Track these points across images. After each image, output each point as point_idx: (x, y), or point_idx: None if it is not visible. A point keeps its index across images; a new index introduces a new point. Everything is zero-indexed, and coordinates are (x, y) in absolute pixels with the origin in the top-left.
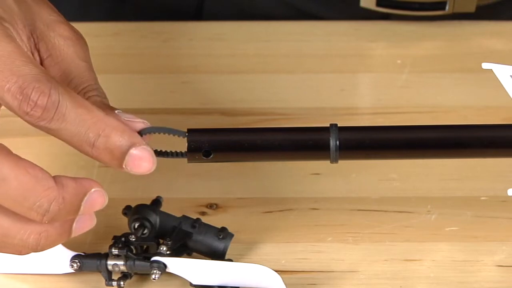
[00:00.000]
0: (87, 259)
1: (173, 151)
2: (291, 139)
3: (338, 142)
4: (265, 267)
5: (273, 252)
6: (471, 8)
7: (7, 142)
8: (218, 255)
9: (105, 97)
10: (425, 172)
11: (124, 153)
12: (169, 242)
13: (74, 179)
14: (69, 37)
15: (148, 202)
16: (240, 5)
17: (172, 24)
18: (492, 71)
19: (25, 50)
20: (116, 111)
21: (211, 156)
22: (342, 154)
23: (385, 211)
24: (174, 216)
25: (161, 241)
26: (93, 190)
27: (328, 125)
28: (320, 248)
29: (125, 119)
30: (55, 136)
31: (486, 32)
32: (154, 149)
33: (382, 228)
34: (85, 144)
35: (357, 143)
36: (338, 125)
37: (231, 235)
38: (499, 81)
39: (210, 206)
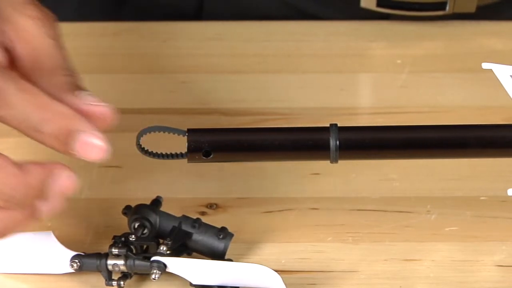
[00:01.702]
0: (87, 258)
1: (173, 152)
2: (291, 139)
3: (338, 142)
4: (265, 267)
5: (273, 252)
6: (472, 8)
7: (7, 142)
8: (218, 255)
9: (75, 75)
10: (425, 172)
11: (71, 138)
12: (169, 242)
13: (41, 164)
14: (37, 17)
15: (148, 202)
16: (240, 5)
17: (172, 24)
18: (492, 71)
19: None
20: (82, 92)
21: (211, 156)
22: (342, 154)
23: (385, 211)
24: (174, 216)
25: (161, 241)
26: (60, 174)
27: (328, 125)
28: (320, 248)
29: (87, 103)
30: (4, 123)
31: (486, 32)
32: (154, 152)
33: (382, 228)
34: (31, 130)
35: (357, 143)
36: (338, 125)
37: (231, 235)
38: (499, 81)
39: (210, 206)
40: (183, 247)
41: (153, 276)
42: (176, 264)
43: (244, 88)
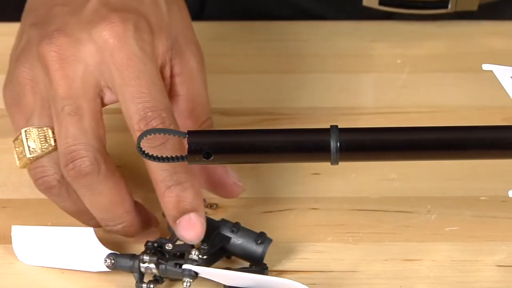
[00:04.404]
0: (122, 258)
1: (173, 155)
2: (291, 141)
3: (338, 144)
4: (300, 283)
5: (273, 252)
6: (474, 7)
7: (7, 142)
8: (257, 259)
9: (211, 117)
10: (425, 172)
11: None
12: (205, 247)
13: (148, 212)
14: (200, 61)
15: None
16: (242, 5)
17: None
18: (492, 71)
19: (158, 64)
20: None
21: (212, 157)
22: (342, 155)
23: (385, 211)
24: (213, 220)
25: (196, 246)
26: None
27: (329, 127)
28: (320, 248)
29: (232, 179)
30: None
31: (487, 31)
32: (155, 155)
33: (382, 228)
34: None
35: (358, 144)
36: (339, 127)
37: (269, 240)
38: (499, 81)
39: (210, 206)
40: (221, 250)
41: (184, 284)
42: (207, 273)
43: (244, 88)
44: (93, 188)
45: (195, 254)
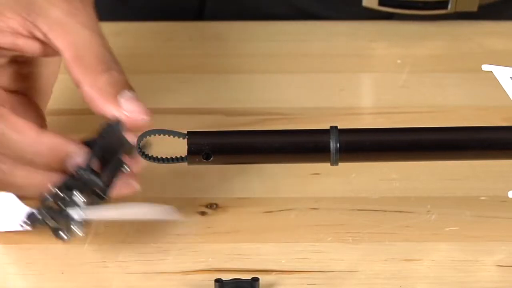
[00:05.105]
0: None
1: (173, 156)
2: (291, 142)
3: (338, 145)
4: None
5: (273, 252)
6: (473, 7)
7: None
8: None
9: (118, 70)
10: (425, 172)
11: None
12: (81, 171)
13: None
14: (68, 9)
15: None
16: (242, 5)
17: (172, 24)
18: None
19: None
20: (122, 98)
21: (211, 158)
22: (342, 156)
23: (385, 211)
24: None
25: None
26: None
27: (329, 128)
28: (320, 248)
29: (126, 112)
30: None
31: (487, 32)
32: (154, 156)
33: (382, 228)
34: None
35: (358, 145)
36: (338, 127)
37: (117, 122)
38: (499, 81)
39: (210, 206)
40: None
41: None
42: (91, 215)
43: (244, 88)
44: None
45: (79, 197)
